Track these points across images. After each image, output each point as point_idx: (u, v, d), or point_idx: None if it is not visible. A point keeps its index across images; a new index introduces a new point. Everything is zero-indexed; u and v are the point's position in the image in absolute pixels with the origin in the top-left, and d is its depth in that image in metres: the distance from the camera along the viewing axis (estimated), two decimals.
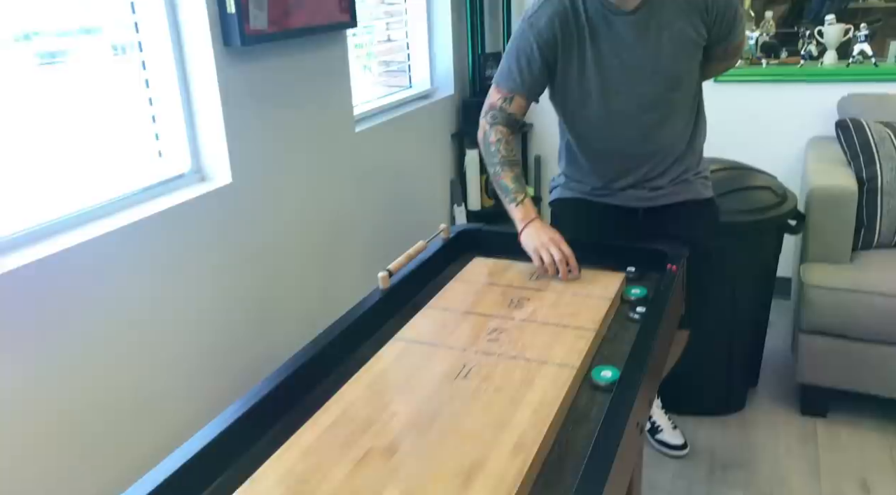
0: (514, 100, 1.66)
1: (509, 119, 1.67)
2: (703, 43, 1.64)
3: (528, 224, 1.57)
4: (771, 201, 2.15)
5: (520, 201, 1.60)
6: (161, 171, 1.81)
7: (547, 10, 1.60)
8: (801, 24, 2.84)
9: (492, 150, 1.64)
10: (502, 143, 1.64)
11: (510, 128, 1.67)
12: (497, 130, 1.65)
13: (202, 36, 1.74)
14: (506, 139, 1.65)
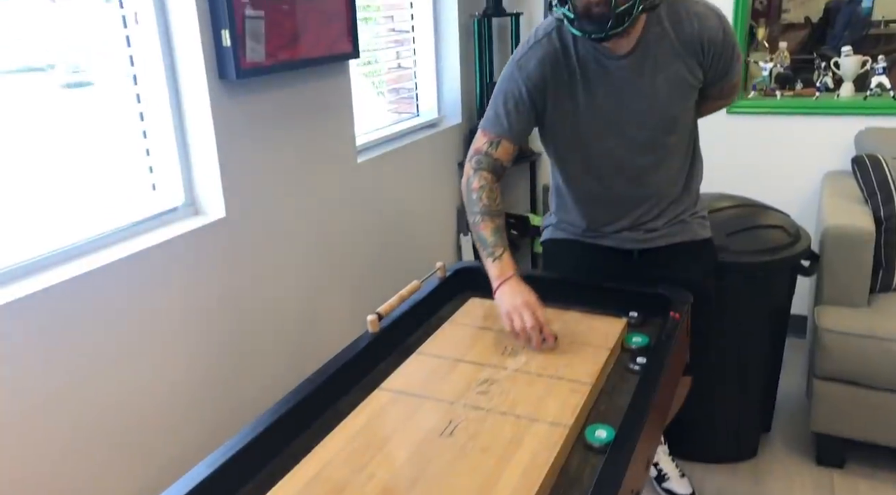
0: (501, 144, 1.57)
1: (495, 164, 1.57)
2: (698, 85, 1.58)
3: (503, 282, 1.45)
4: (783, 241, 2.07)
5: (497, 256, 1.48)
6: (154, 205, 1.78)
7: (537, 51, 1.54)
8: (821, 50, 2.76)
9: (473, 198, 1.55)
10: (485, 191, 1.54)
11: (495, 175, 1.57)
12: (481, 176, 1.55)
13: (197, 69, 1.71)
14: (489, 186, 1.54)
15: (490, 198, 1.54)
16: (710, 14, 1.52)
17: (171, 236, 1.71)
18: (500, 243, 1.50)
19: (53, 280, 1.45)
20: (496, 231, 1.51)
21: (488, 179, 1.56)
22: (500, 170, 1.59)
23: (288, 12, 1.91)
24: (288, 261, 2.08)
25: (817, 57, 2.78)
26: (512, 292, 1.43)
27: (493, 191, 1.55)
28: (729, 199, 2.20)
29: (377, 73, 2.81)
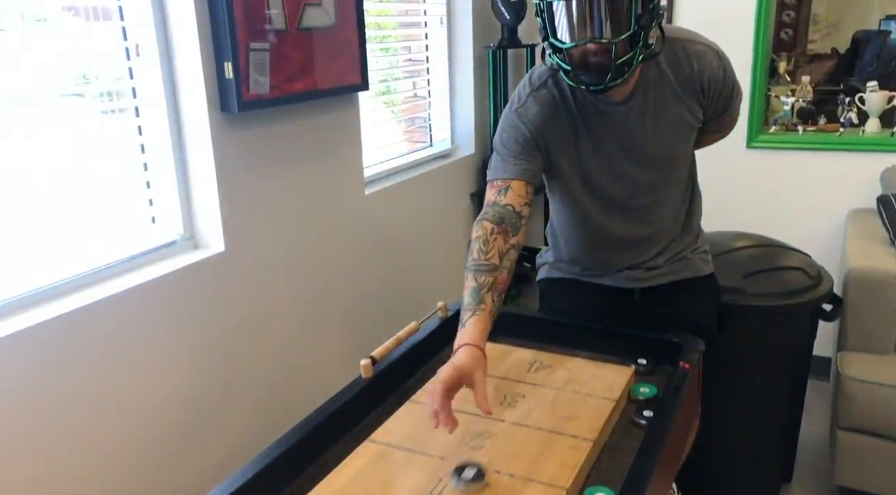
0: (511, 189, 1.44)
1: (503, 212, 1.41)
2: (699, 125, 1.52)
3: (455, 350, 1.25)
4: (804, 283, 1.98)
5: (464, 321, 1.29)
6: (154, 238, 1.75)
7: (536, 99, 1.48)
8: (848, 82, 2.68)
9: (468, 250, 1.40)
10: (479, 242, 1.37)
11: (499, 224, 1.38)
12: (481, 227, 1.39)
13: (198, 102, 1.69)
14: (485, 237, 1.37)
15: (482, 251, 1.37)
16: (709, 52, 1.46)
17: (170, 270, 1.68)
18: (471, 306, 1.30)
19: (49, 315, 1.43)
20: (475, 291, 1.32)
21: (487, 230, 1.39)
22: (513, 217, 1.41)
23: (295, 44, 1.89)
24: (287, 297, 2.03)
25: (842, 91, 2.70)
26: (448, 364, 1.21)
27: (487, 242, 1.38)
28: (746, 238, 2.12)
29: (394, 103, 2.79)
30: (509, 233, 1.39)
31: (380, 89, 2.63)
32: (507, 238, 1.39)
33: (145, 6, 1.62)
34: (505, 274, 1.37)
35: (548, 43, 1.36)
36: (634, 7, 1.28)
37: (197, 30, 1.63)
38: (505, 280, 1.37)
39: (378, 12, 2.64)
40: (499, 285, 1.34)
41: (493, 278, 1.34)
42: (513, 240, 1.40)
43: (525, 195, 1.45)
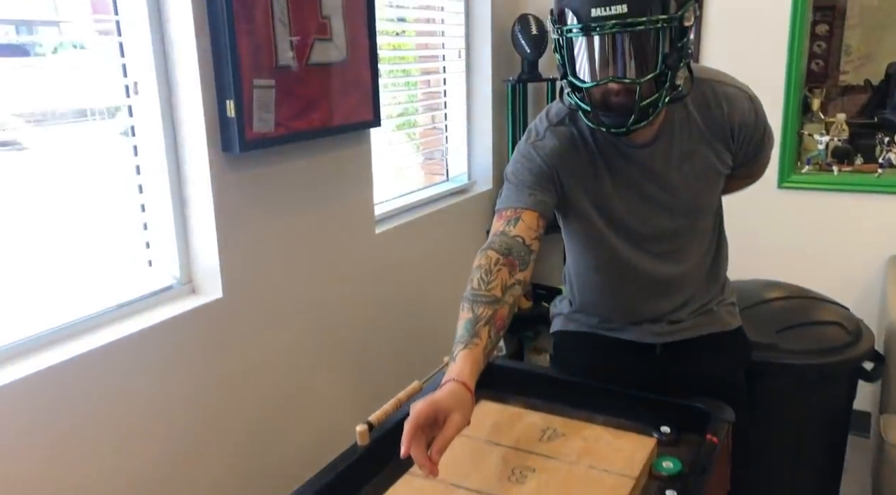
0: (521, 220, 1.34)
1: (511, 243, 1.29)
2: (727, 171, 1.41)
3: (441, 386, 1.12)
4: (842, 339, 1.84)
5: (455, 355, 1.17)
6: (150, 282, 1.67)
7: (554, 134, 1.38)
8: (882, 115, 2.56)
9: (469, 279, 1.29)
10: (481, 271, 1.26)
11: (506, 256, 1.28)
12: (484, 255, 1.28)
13: (198, 141, 1.62)
14: (488, 267, 1.26)
15: (482, 282, 1.25)
16: (740, 95, 1.36)
17: (165, 318, 1.61)
18: (464, 339, 1.18)
19: (37, 366, 1.36)
20: (470, 323, 1.20)
21: (491, 259, 1.28)
22: (522, 250, 1.30)
23: (303, 80, 1.82)
24: (289, 346, 1.93)
25: (877, 125, 2.57)
26: (428, 396, 1.09)
27: (490, 272, 1.26)
28: (779, 288, 1.99)
29: (411, 138, 2.71)
30: (516, 267, 1.27)
31: (396, 123, 2.56)
32: (512, 271, 1.27)
33: (145, 42, 1.56)
34: (506, 310, 1.24)
35: (566, 81, 1.26)
36: (661, 46, 1.18)
37: (198, 67, 1.56)
38: (505, 316, 1.24)
39: (393, 45, 2.58)
40: (497, 321, 1.22)
41: (493, 312, 1.21)
42: (519, 275, 1.27)
43: (536, 228, 1.34)
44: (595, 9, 1.15)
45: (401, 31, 2.65)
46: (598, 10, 1.15)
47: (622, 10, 1.14)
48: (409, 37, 2.67)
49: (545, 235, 1.38)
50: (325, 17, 1.87)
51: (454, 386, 1.09)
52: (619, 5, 1.14)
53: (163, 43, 1.58)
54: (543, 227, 1.37)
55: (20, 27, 1.47)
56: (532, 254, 1.33)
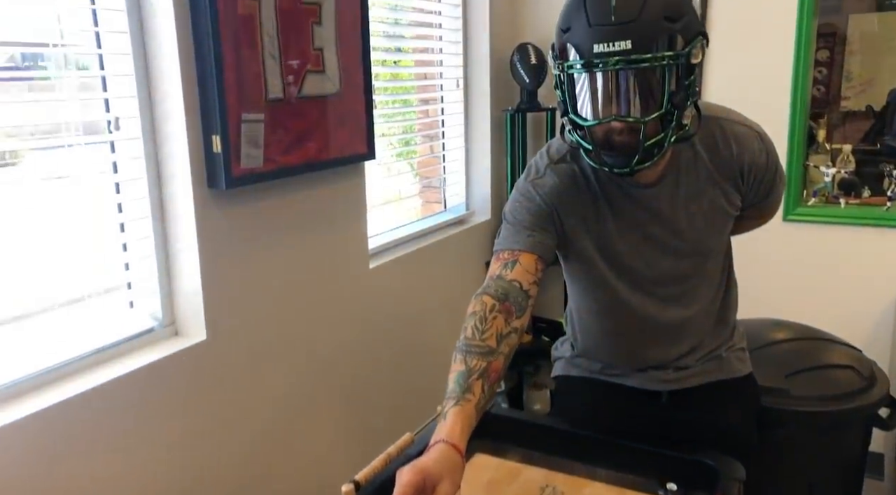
0: (518, 263, 1.27)
1: (508, 288, 1.22)
2: (736, 212, 1.35)
3: (430, 447, 1.03)
4: (856, 384, 1.76)
5: (444, 411, 1.09)
6: (130, 325, 1.60)
7: (555, 172, 1.32)
8: (885, 140, 2.52)
9: (462, 327, 1.21)
10: (475, 319, 1.18)
11: (502, 302, 1.20)
12: (479, 301, 1.20)
13: (182, 178, 1.55)
14: (483, 314, 1.18)
15: (476, 331, 1.17)
16: (750, 134, 1.30)
17: (145, 362, 1.53)
18: (455, 394, 1.09)
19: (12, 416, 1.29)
20: (462, 376, 1.12)
21: (486, 306, 1.20)
22: (519, 296, 1.23)
23: (295, 113, 1.76)
24: (275, 392, 1.85)
25: (880, 152, 2.52)
26: (417, 461, 1.00)
27: (485, 320, 1.18)
28: (786, 329, 1.91)
29: (409, 168, 2.66)
30: (512, 314, 1.20)
31: (393, 152, 2.50)
32: (509, 319, 1.19)
33: (129, 76, 1.50)
34: (501, 361, 1.16)
35: (567, 118, 1.20)
36: (667, 83, 1.12)
37: (183, 101, 1.51)
38: (500, 369, 1.16)
39: (391, 76, 2.53)
40: (492, 373, 1.13)
41: (487, 364, 1.13)
42: (515, 323, 1.20)
43: (535, 272, 1.27)
44: (598, 44, 1.09)
45: (398, 61, 2.61)
46: (600, 45, 1.09)
47: (626, 45, 1.08)
48: (406, 66, 2.62)
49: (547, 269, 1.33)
50: (317, 49, 1.82)
51: (443, 449, 1.01)
52: (623, 41, 1.08)
53: (147, 77, 1.52)
54: (542, 271, 1.30)
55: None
56: (530, 300, 1.26)
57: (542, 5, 2.91)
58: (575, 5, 1.14)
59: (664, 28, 1.10)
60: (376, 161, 2.17)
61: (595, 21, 1.10)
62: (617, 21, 1.08)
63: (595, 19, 1.10)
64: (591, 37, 1.10)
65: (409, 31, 2.58)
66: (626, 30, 1.08)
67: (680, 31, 1.11)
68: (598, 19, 1.10)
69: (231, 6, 1.54)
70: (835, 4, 2.53)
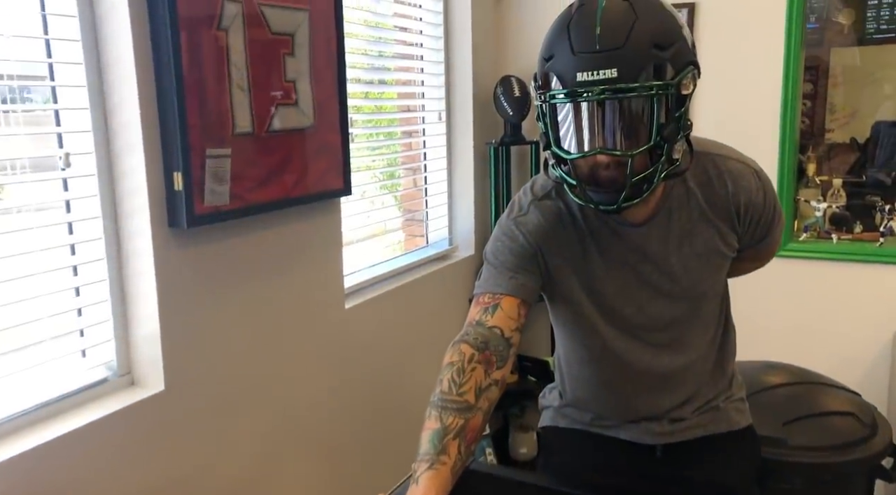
0: (500, 307, 1.18)
1: (488, 336, 1.14)
2: (732, 254, 1.27)
3: None
4: (857, 433, 1.67)
5: (417, 475, 1.00)
6: (83, 374, 1.48)
7: (539, 209, 1.24)
8: (869, 173, 2.51)
9: (438, 379, 1.11)
10: (452, 370, 1.09)
11: (481, 351, 1.12)
12: (457, 351, 1.12)
13: (141, 216, 1.46)
14: (461, 366, 1.09)
15: (453, 384, 1.08)
16: (746, 171, 1.23)
17: (98, 415, 1.41)
18: (428, 456, 1.01)
19: None
20: (437, 436, 1.03)
21: (465, 356, 1.11)
22: (500, 344, 1.15)
23: (264, 148, 1.67)
24: (242, 445, 1.73)
25: (865, 184, 2.49)
26: None
27: (462, 372, 1.09)
28: (781, 372, 1.82)
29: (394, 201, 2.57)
30: (493, 364, 1.12)
31: (372, 187, 2.42)
32: (489, 370, 1.11)
33: (84, 109, 1.41)
34: (480, 418, 1.07)
35: (550, 152, 1.12)
36: (656, 115, 1.05)
37: (142, 137, 1.41)
38: (478, 427, 1.07)
39: (370, 109, 2.46)
40: (469, 433, 1.05)
41: (464, 421, 1.04)
42: (496, 374, 1.12)
43: (517, 317, 1.19)
44: (581, 73, 1.02)
45: (381, 94, 2.54)
46: (584, 74, 1.02)
47: (612, 74, 1.01)
48: (388, 99, 2.55)
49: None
50: (289, 81, 1.74)
51: None
52: (609, 69, 1.01)
53: (104, 110, 1.43)
54: (525, 315, 1.22)
55: None
56: (511, 349, 1.17)
57: (525, 37, 2.86)
58: (558, 32, 1.07)
59: (652, 56, 1.02)
60: (359, 195, 2.08)
61: (579, 48, 1.03)
62: (602, 48, 1.01)
63: (579, 47, 1.03)
64: (574, 65, 1.03)
65: (391, 62, 2.52)
66: (612, 57, 1.01)
67: (669, 59, 1.04)
68: (583, 47, 1.03)
69: (195, 35, 1.46)
70: (817, 38, 2.54)
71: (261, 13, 1.63)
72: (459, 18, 2.69)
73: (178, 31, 1.41)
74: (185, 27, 1.43)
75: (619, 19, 1.03)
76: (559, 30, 1.07)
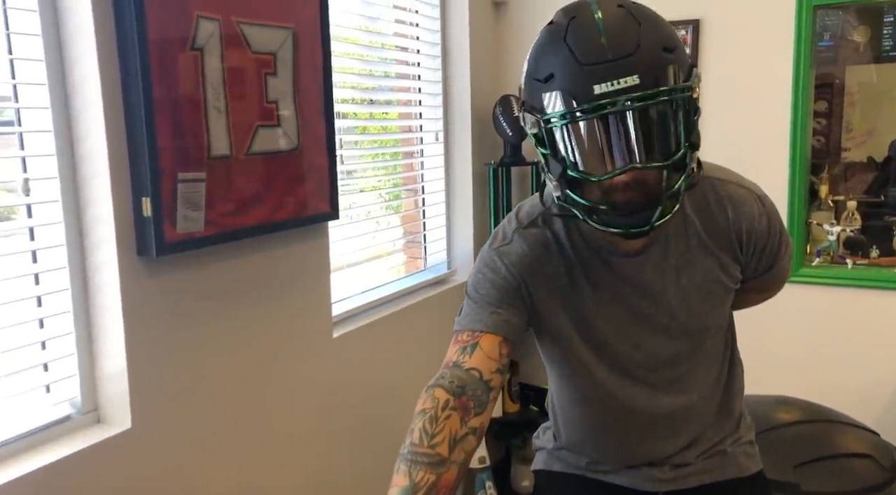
0: (479, 346, 1.08)
1: (466, 379, 1.04)
2: (735, 286, 1.18)
3: None
4: (876, 477, 1.55)
5: None
6: (46, 411, 1.41)
7: (523, 238, 1.15)
8: (889, 192, 2.42)
9: (409, 429, 1.02)
10: (424, 419, 1.00)
11: (457, 396, 1.02)
12: (430, 396, 1.03)
13: (108, 244, 1.38)
14: (433, 414, 1.00)
15: (424, 435, 0.99)
16: (748, 196, 1.14)
17: (62, 455, 1.34)
18: None
19: None
20: (405, 494, 0.95)
21: (439, 402, 1.01)
22: (478, 388, 1.04)
23: (243, 171, 1.60)
24: (214, 491, 1.63)
25: (884, 204, 2.40)
26: None
27: (435, 421, 1.00)
28: (794, 409, 1.71)
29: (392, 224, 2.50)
30: (470, 411, 1.02)
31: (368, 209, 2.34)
32: (465, 417, 1.02)
33: (48, 133, 1.35)
34: (454, 473, 0.98)
35: (562, 180, 0.99)
36: (682, 120, 0.97)
37: (108, 160, 1.34)
38: (452, 482, 0.98)
39: (362, 129, 2.39)
40: (442, 488, 0.96)
41: (436, 477, 0.96)
42: (474, 422, 1.02)
43: (498, 357, 1.09)
44: (599, 85, 0.92)
45: (384, 114, 2.48)
46: (603, 85, 0.92)
47: (634, 81, 0.92)
48: (384, 119, 2.48)
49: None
50: (271, 102, 1.67)
51: None
52: (629, 76, 0.92)
53: (69, 133, 1.36)
54: (508, 355, 1.11)
55: None
56: (492, 392, 1.07)
57: (525, 56, 2.79)
58: (552, 48, 0.98)
59: (664, 59, 0.94)
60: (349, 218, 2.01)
61: (587, 60, 0.93)
62: (615, 56, 0.92)
63: (587, 58, 0.93)
64: (587, 78, 0.93)
65: (388, 82, 2.45)
66: (629, 64, 0.92)
67: (679, 62, 0.96)
68: (591, 58, 0.93)
69: (166, 56, 1.39)
70: (831, 56, 2.48)
71: (240, 32, 1.57)
72: (457, 37, 2.63)
73: (146, 53, 1.34)
74: (155, 48, 1.36)
75: (623, 26, 0.94)
76: (552, 46, 0.98)
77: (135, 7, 1.32)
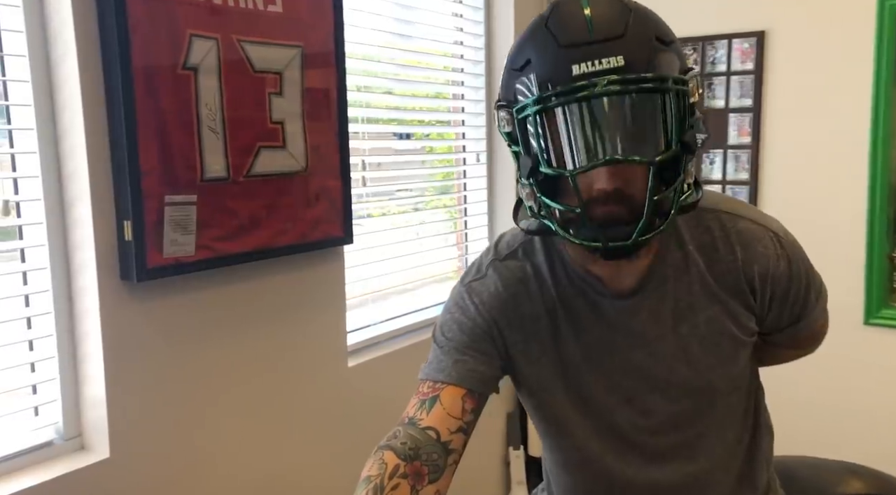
0: (439, 400, 0.95)
1: (418, 440, 0.91)
2: (750, 339, 0.99)
3: None
4: None
5: None
6: (34, 434, 1.39)
7: (497, 272, 1.00)
8: None
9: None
10: (368, 489, 0.86)
11: (409, 461, 0.89)
12: (379, 461, 0.89)
13: (89, 267, 1.35)
14: (379, 483, 0.86)
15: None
16: (761, 233, 0.96)
17: (40, 480, 1.31)
18: None
19: None
20: None
21: (387, 467, 0.88)
22: (434, 451, 0.90)
23: (242, 194, 1.55)
24: None
25: None
26: None
27: (381, 491, 0.85)
28: (865, 479, 1.44)
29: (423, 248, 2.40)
30: (423, 478, 0.89)
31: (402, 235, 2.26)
32: (417, 485, 0.88)
33: (33, 154, 1.34)
34: None
35: (534, 180, 0.84)
36: (674, 114, 0.82)
37: (89, 182, 1.32)
38: None
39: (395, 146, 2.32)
40: None
41: None
42: (428, 490, 0.89)
43: (461, 414, 0.94)
44: (577, 65, 0.80)
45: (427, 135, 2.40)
46: (582, 65, 0.79)
47: (618, 62, 0.79)
48: (425, 140, 2.40)
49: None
50: (276, 123, 1.61)
51: None
52: (613, 57, 0.79)
53: (56, 154, 1.35)
54: (474, 410, 0.97)
55: None
56: (451, 456, 0.93)
57: None
58: (531, 35, 0.85)
59: (656, 48, 0.81)
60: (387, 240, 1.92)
61: (567, 41, 0.81)
62: (599, 38, 0.80)
63: (566, 39, 0.81)
64: (566, 58, 0.80)
65: (426, 103, 2.37)
66: (614, 46, 0.79)
67: (674, 54, 0.83)
68: (572, 38, 0.81)
69: (154, 76, 1.36)
70: None
71: (241, 50, 1.52)
72: (501, 54, 2.51)
73: (129, 73, 1.31)
74: (139, 68, 1.33)
75: (612, 10, 0.82)
76: (533, 33, 0.86)
77: (118, 28, 1.29)
